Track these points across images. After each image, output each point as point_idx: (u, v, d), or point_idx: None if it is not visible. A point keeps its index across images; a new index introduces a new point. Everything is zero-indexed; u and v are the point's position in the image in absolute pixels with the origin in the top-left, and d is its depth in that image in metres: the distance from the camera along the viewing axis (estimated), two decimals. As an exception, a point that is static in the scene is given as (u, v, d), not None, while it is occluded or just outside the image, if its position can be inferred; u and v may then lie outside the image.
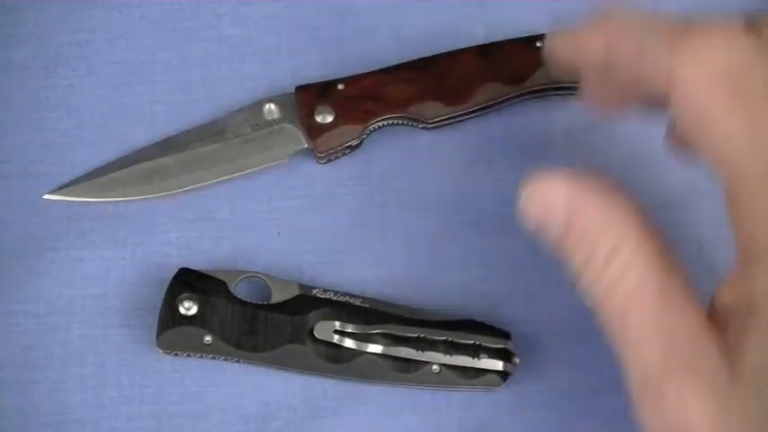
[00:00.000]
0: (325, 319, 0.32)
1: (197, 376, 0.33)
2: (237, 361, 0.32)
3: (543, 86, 0.36)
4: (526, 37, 0.37)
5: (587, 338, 0.29)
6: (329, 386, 0.33)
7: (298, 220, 0.35)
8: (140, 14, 0.38)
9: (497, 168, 0.37)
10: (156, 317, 0.32)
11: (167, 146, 0.36)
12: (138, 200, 0.35)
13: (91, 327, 0.33)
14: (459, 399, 0.33)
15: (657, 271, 0.22)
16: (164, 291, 0.32)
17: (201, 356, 0.32)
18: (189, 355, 0.32)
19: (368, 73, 0.36)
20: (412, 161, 0.37)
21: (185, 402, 0.33)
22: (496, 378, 0.32)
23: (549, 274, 0.33)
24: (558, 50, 0.27)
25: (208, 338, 0.31)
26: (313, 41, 0.38)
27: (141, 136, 0.36)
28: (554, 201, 0.24)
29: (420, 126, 0.37)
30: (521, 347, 0.33)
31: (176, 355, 0.32)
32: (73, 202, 0.35)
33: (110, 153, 0.36)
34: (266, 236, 0.35)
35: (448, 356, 0.32)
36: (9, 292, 0.34)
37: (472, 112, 0.36)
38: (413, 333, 0.32)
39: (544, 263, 0.30)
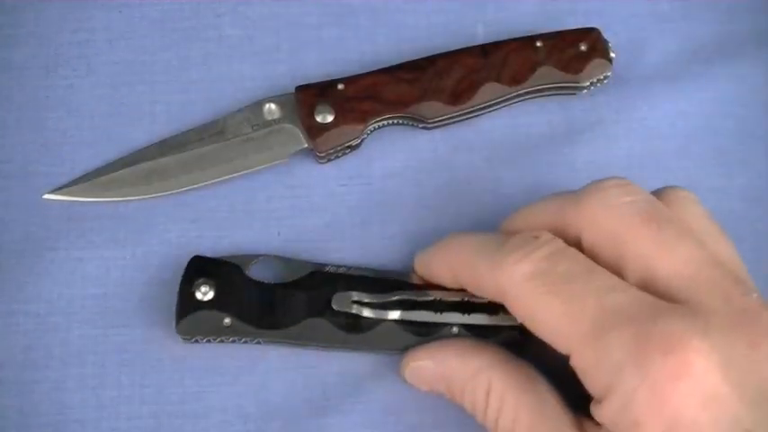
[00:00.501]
0: (341, 290, 0.32)
1: (197, 376, 0.33)
2: (258, 342, 0.32)
3: (543, 86, 0.37)
4: (526, 37, 0.37)
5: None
6: (329, 386, 0.33)
7: (298, 220, 0.35)
8: (140, 14, 0.38)
9: (497, 168, 0.37)
10: (156, 316, 0.32)
11: (167, 146, 0.36)
12: (138, 200, 0.35)
13: (91, 327, 0.33)
14: (459, 399, 0.33)
15: (526, 405, 0.28)
16: (164, 291, 0.32)
17: (222, 341, 0.32)
18: (209, 341, 0.32)
19: (368, 73, 0.36)
20: (412, 161, 0.37)
21: (185, 402, 0.33)
22: (515, 333, 0.31)
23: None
24: (421, 271, 0.32)
25: (227, 321, 0.31)
26: (313, 41, 0.38)
27: (141, 136, 0.36)
28: (426, 374, 0.31)
29: (420, 126, 0.37)
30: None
31: (196, 341, 0.32)
32: (73, 202, 0.35)
33: (110, 153, 0.36)
34: (266, 236, 0.35)
35: (466, 316, 0.31)
36: (9, 292, 0.34)
37: (472, 112, 0.36)
38: (429, 297, 0.32)
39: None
